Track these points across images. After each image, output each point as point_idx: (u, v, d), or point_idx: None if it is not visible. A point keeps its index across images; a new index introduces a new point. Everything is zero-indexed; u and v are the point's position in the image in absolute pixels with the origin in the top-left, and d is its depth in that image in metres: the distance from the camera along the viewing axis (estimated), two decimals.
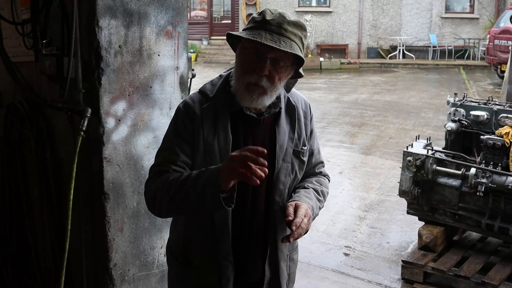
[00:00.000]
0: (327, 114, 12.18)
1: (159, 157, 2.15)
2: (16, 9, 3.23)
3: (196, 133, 2.07)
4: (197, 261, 2.17)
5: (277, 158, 2.13)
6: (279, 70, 2.01)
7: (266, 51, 1.97)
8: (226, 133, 2.07)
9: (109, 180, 2.83)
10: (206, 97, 2.12)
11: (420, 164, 4.71)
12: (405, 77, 18.97)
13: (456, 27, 23.70)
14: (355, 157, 8.76)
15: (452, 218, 4.76)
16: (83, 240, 3.01)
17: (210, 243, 2.12)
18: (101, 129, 2.77)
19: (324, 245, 5.45)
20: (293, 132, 2.19)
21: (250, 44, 1.99)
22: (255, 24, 2.00)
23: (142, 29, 2.86)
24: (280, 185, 2.15)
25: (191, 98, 2.15)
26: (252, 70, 1.99)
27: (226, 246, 2.10)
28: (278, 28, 1.97)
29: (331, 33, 24.12)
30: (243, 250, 2.15)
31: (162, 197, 2.02)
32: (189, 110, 2.10)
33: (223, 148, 2.06)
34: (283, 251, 2.24)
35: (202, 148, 2.06)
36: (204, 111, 2.08)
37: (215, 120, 2.08)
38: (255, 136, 2.13)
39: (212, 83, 2.18)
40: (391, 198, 6.67)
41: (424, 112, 12.32)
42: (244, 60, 2.03)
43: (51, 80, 3.00)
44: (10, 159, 3.48)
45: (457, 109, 4.97)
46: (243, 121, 2.11)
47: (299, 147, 2.21)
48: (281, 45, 1.94)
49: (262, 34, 1.94)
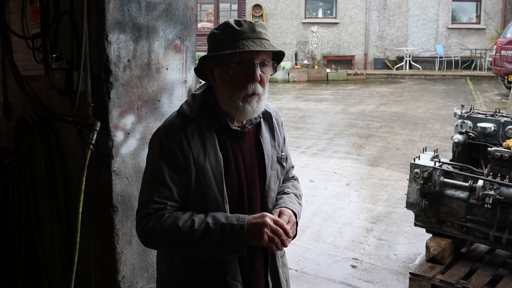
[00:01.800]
0: (334, 126, 12.19)
1: (151, 192, 2.05)
2: (27, 23, 3.27)
3: (185, 157, 2.03)
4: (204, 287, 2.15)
5: (267, 167, 2.16)
6: (266, 72, 2.07)
7: (253, 58, 2.00)
8: (215, 152, 2.06)
9: (118, 193, 2.85)
10: (186, 119, 2.08)
11: (428, 176, 4.70)
12: (411, 88, 18.96)
13: (462, 38, 23.72)
14: (362, 169, 8.75)
15: (460, 230, 4.75)
16: (92, 252, 3.03)
17: (216, 267, 2.10)
18: (110, 143, 2.79)
19: (332, 257, 5.44)
20: (273, 140, 2.23)
21: (233, 59, 2.00)
22: (227, 39, 2.01)
23: (150, 43, 2.89)
24: (271, 193, 2.19)
25: (171, 122, 2.10)
26: (245, 82, 2.01)
27: (233, 265, 2.09)
28: (253, 33, 2.01)
29: (338, 44, 24.18)
30: (247, 265, 2.15)
31: (176, 245, 2.01)
32: (173, 135, 2.04)
33: (215, 169, 2.05)
34: (278, 257, 2.26)
35: (194, 171, 2.03)
36: (189, 134, 2.05)
37: (202, 140, 2.06)
38: (243, 149, 2.14)
39: (187, 103, 2.15)
40: (399, 210, 6.66)
41: (431, 123, 12.31)
42: (233, 77, 2.02)
43: (61, 94, 3.03)
44: (20, 172, 3.50)
45: (464, 121, 4.97)
46: (229, 137, 2.12)
47: (279, 153, 2.25)
48: (266, 47, 2.00)
49: (245, 44, 1.97)
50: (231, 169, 2.09)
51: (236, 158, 2.11)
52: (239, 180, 2.11)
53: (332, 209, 6.89)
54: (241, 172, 2.11)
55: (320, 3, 24.88)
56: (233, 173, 2.09)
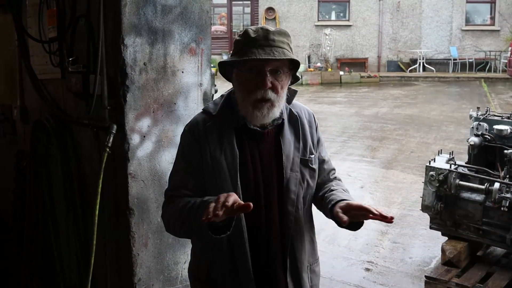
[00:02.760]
0: (348, 128, 12.16)
1: (171, 182, 2.24)
2: (43, 27, 3.30)
3: (203, 152, 2.13)
4: (219, 280, 2.18)
5: (284, 169, 2.16)
6: (279, 79, 2.08)
7: (263, 66, 2.04)
8: (232, 149, 2.11)
9: (134, 195, 2.86)
10: (209, 116, 2.19)
11: (443, 179, 4.67)
12: (425, 90, 18.87)
13: (476, 40, 23.57)
14: (376, 172, 8.71)
15: (476, 233, 4.71)
16: (108, 255, 3.04)
17: (229, 261, 2.13)
18: (126, 145, 2.81)
19: (346, 260, 5.42)
20: (298, 142, 2.22)
21: (245, 65, 2.06)
22: (243, 45, 2.07)
23: (166, 46, 2.90)
24: (291, 195, 2.17)
25: (195, 119, 2.24)
26: (255, 88, 2.05)
27: (245, 262, 2.11)
28: (266, 41, 2.04)
29: (351, 47, 24.12)
30: (263, 264, 2.16)
31: (174, 224, 2.15)
32: (193, 131, 2.17)
33: (230, 164, 2.10)
34: (303, 262, 2.24)
35: (210, 165, 2.11)
36: (208, 129, 2.15)
37: (220, 137, 2.13)
38: (260, 149, 2.16)
39: (215, 102, 2.25)
40: (413, 212, 6.62)
41: (445, 126, 12.23)
42: (244, 82, 2.09)
43: (77, 97, 3.05)
44: (37, 175, 3.53)
45: (480, 123, 4.94)
46: (248, 136, 2.16)
47: (306, 155, 2.23)
48: (275, 55, 2.02)
49: (254, 51, 2.02)
50: (247, 167, 2.12)
51: (253, 157, 2.14)
52: (256, 178, 2.13)
53: None
54: (257, 171, 2.14)
55: (333, 6, 24.84)
56: (249, 170, 2.12)
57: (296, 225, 2.20)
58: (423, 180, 4.90)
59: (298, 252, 2.21)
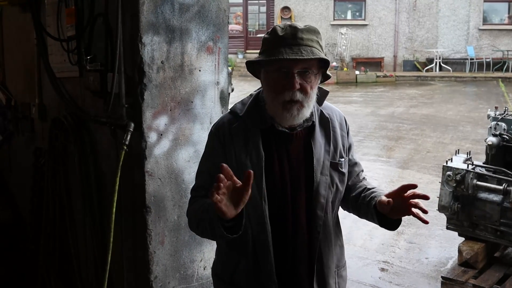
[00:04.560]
0: (364, 128, 12.10)
1: (196, 181, 2.25)
2: (62, 26, 3.32)
3: (228, 155, 2.09)
4: (243, 282, 2.14)
5: (315, 172, 2.10)
6: (308, 80, 2.01)
7: (292, 66, 1.97)
8: (258, 151, 2.06)
9: (151, 193, 2.87)
10: (236, 117, 2.14)
11: (460, 179, 4.64)
12: (442, 90, 18.74)
13: (494, 39, 23.35)
14: (392, 171, 8.67)
15: (494, 234, 4.67)
16: (124, 252, 3.05)
17: (253, 263, 2.10)
18: (144, 143, 2.82)
19: (362, 260, 5.40)
20: (328, 145, 2.16)
21: (273, 65, 2.00)
22: (270, 44, 2.01)
23: (183, 45, 2.91)
24: (321, 199, 2.12)
25: (222, 120, 2.21)
26: (283, 89, 1.99)
27: (268, 265, 2.07)
28: (294, 39, 1.97)
29: (367, 46, 24.02)
30: (288, 268, 2.12)
31: (192, 224, 2.16)
32: (219, 133, 2.14)
33: (256, 166, 2.04)
34: (330, 267, 2.19)
35: (235, 168, 2.01)
36: (234, 130, 2.10)
37: (245, 138, 2.08)
38: (289, 151, 2.10)
39: (243, 102, 2.19)
40: (430, 213, 6.45)
41: (462, 126, 12.14)
42: (272, 82, 2.03)
43: (95, 95, 3.07)
44: (54, 172, 3.56)
45: (498, 123, 4.89)
46: (275, 138, 2.10)
47: (336, 159, 2.18)
48: (303, 54, 1.94)
49: (281, 51, 1.95)
50: (274, 169, 2.07)
51: (281, 159, 2.09)
52: (283, 181, 2.08)
53: None
54: (285, 173, 2.08)
55: (349, 5, 24.75)
56: (275, 173, 2.07)
57: (325, 230, 2.15)
58: (439, 180, 4.86)
59: (326, 257, 2.17)
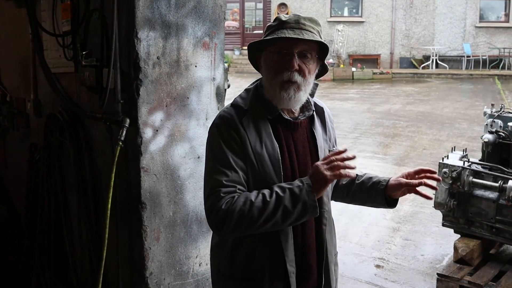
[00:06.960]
0: (360, 125, 12.11)
1: (219, 176, 2.04)
2: (57, 21, 3.30)
3: (244, 143, 2.07)
4: (258, 274, 2.12)
5: (320, 159, 2.14)
6: (307, 63, 2.08)
7: (292, 47, 2.05)
8: (271, 140, 2.10)
9: (146, 189, 2.86)
10: (241, 110, 2.14)
11: (456, 176, 4.64)
12: (438, 87, 18.76)
13: (490, 37, 23.38)
14: (388, 168, 8.67)
15: (489, 231, 4.67)
16: (119, 248, 3.05)
17: (277, 252, 2.10)
18: (139, 139, 2.80)
19: (357, 256, 5.41)
20: (325, 134, 2.28)
21: (274, 46, 2.08)
22: (274, 28, 2.10)
23: (179, 40, 2.89)
24: None
25: (227, 113, 2.13)
26: (282, 69, 2.06)
27: (290, 252, 2.10)
28: (296, 24, 2.07)
29: (363, 43, 24.03)
30: (301, 256, 2.15)
31: (253, 221, 1.96)
32: (230, 123, 2.09)
33: (272, 155, 2.08)
34: (332, 253, 2.26)
35: (253, 158, 2.05)
36: (244, 123, 2.10)
37: (257, 129, 2.10)
38: (295, 140, 2.17)
39: (242, 97, 2.21)
40: (426, 210, 6.59)
41: (458, 123, 12.16)
42: (272, 63, 2.10)
43: (90, 91, 3.05)
44: (49, 168, 3.54)
45: (494, 120, 4.89)
46: (282, 126, 2.15)
47: (331, 147, 2.28)
48: (304, 36, 2.04)
49: (284, 32, 2.04)
50: (285, 158, 2.11)
51: (289, 147, 2.14)
52: (292, 169, 2.13)
53: (358, 208, 6.80)
54: (294, 161, 2.14)
55: (346, 2, 24.74)
56: (286, 161, 2.11)
57: (329, 217, 2.23)
58: None
59: (329, 243, 2.23)
